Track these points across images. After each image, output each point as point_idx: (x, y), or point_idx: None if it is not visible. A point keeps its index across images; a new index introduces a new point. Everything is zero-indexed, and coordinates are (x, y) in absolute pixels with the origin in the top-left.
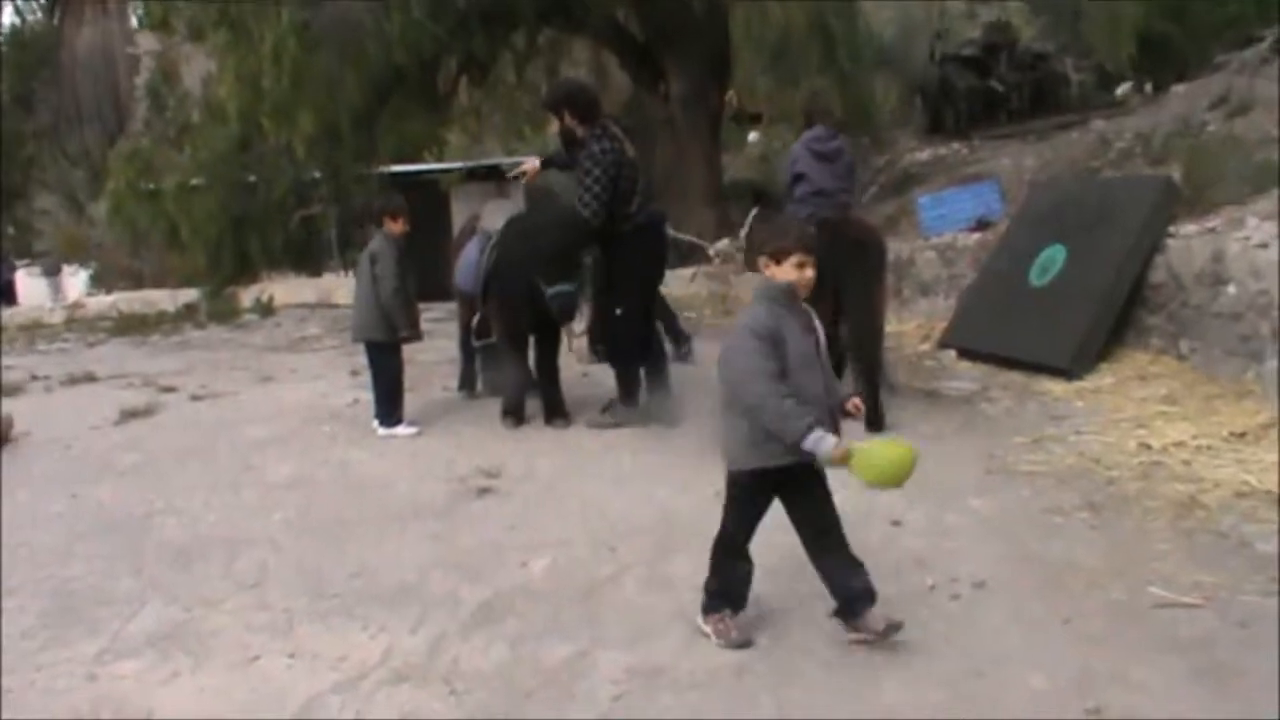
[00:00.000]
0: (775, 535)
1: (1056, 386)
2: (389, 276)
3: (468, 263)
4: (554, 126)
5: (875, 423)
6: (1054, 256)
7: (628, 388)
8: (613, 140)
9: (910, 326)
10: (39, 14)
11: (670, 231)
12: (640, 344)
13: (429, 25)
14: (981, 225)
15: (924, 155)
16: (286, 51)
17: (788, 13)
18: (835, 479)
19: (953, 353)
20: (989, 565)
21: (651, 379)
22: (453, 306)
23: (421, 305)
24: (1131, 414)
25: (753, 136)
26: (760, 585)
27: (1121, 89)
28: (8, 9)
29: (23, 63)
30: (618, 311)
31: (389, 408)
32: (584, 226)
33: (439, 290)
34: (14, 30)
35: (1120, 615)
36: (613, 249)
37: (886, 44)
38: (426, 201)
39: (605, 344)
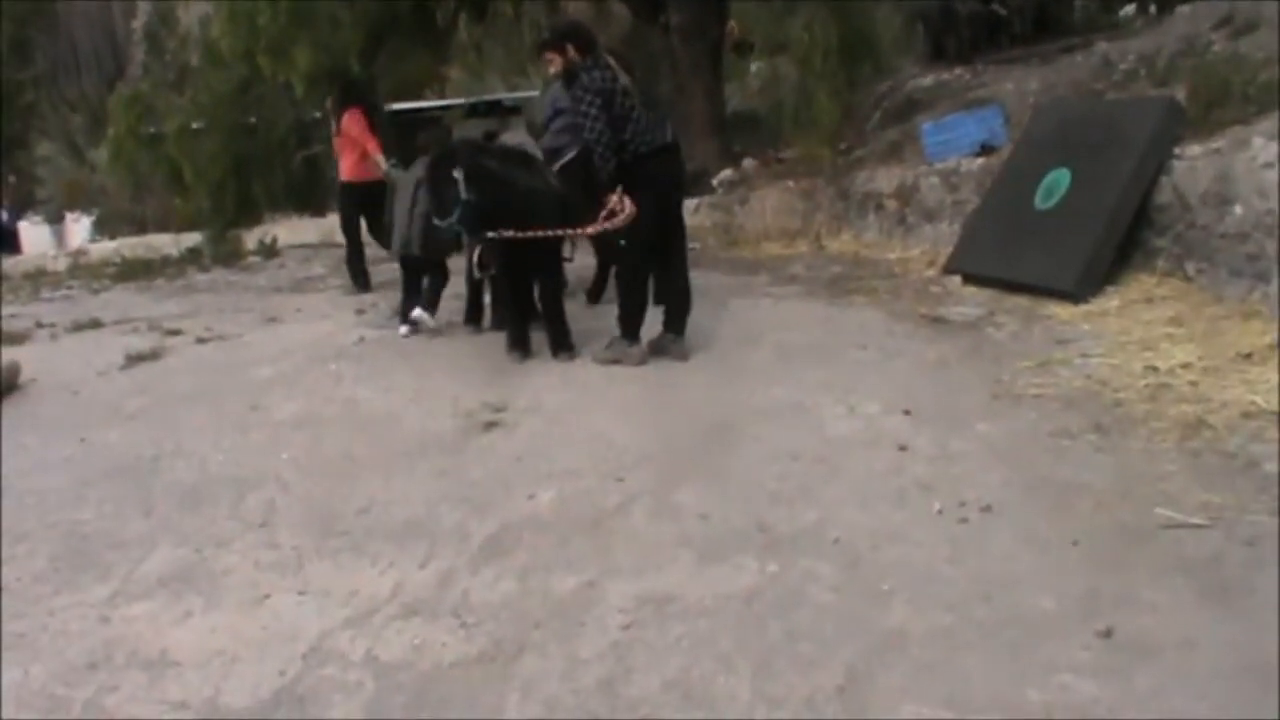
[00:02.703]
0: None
1: (1062, 310)
2: None
3: None
4: (554, 67)
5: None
6: (1059, 180)
7: (626, 321)
8: (604, 69)
9: (915, 253)
10: None
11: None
12: (640, 278)
13: None
14: (986, 150)
15: (927, 81)
16: None
17: None
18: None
19: (958, 278)
20: (996, 489)
21: (668, 315)
22: None
23: None
24: (1138, 336)
25: (754, 67)
26: (768, 511)
27: (1125, 10)
28: None
29: (18, 10)
30: (620, 243)
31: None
32: (596, 160)
33: None
34: None
35: (1128, 536)
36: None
37: None
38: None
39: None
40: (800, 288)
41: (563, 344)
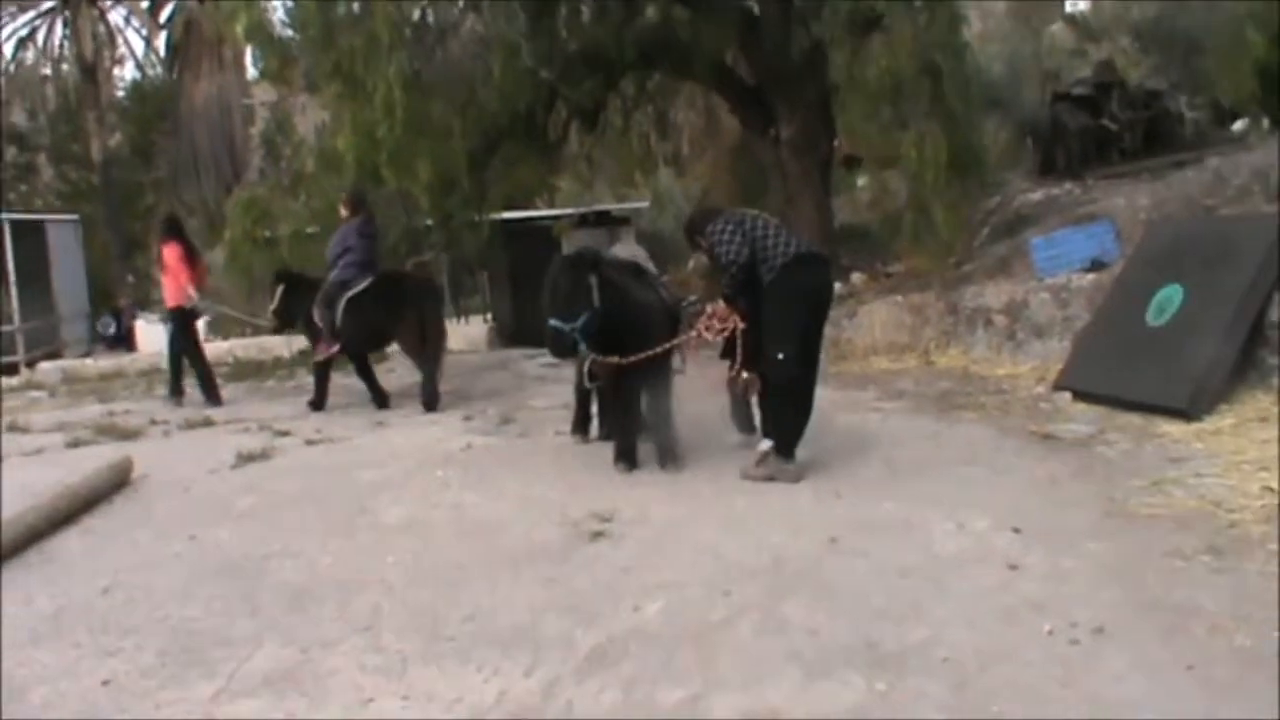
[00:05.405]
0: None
1: (1175, 428)
2: None
3: None
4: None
5: (432, 406)
6: (1171, 296)
7: (785, 438)
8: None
9: (1025, 369)
10: (158, 68)
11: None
12: (802, 391)
13: (538, 72)
14: (1096, 266)
15: (1036, 196)
16: (399, 102)
17: (892, 53)
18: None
19: (1068, 395)
20: (1108, 610)
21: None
22: None
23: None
24: (1253, 456)
25: (861, 181)
26: (875, 628)
27: (1237, 125)
28: (129, 64)
29: (143, 115)
30: (779, 356)
31: None
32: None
33: None
34: (134, 84)
35: (1245, 662)
36: (764, 292)
37: (996, 84)
38: (538, 247)
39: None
40: (908, 403)
41: (670, 455)
